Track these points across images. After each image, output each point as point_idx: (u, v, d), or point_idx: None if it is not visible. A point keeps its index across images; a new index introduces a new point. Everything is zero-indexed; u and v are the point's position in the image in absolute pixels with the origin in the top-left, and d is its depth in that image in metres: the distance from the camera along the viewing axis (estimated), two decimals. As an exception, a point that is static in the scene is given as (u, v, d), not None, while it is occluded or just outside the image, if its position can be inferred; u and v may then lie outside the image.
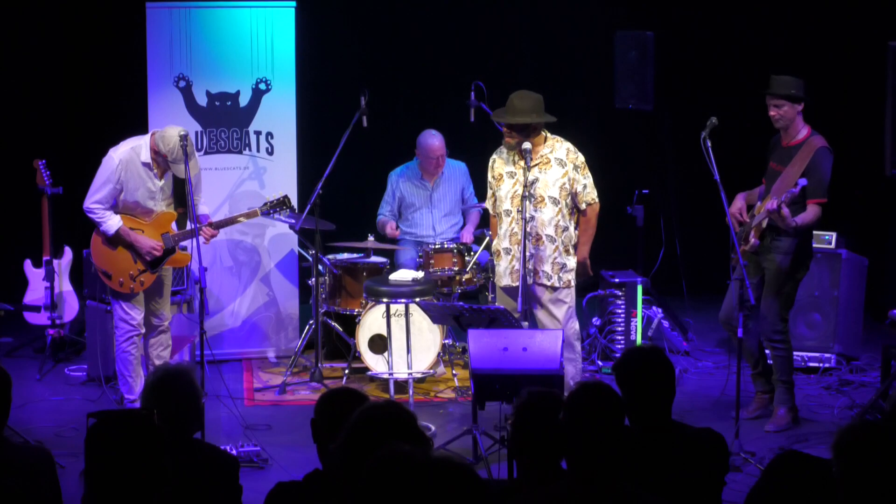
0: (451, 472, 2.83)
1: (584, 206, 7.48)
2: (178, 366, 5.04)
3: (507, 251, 7.45)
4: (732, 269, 7.38)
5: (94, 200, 7.38)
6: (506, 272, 7.47)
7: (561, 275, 7.42)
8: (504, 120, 7.38)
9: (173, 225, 7.54)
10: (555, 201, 7.38)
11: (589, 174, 7.47)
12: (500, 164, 7.52)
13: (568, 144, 7.47)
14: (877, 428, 3.40)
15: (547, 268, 7.39)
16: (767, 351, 7.62)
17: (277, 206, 7.92)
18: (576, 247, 7.50)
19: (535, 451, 4.02)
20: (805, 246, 7.43)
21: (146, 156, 7.38)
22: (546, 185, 7.37)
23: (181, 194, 7.50)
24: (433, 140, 9.04)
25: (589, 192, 7.47)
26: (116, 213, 7.43)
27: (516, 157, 7.42)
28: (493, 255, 7.62)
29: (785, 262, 7.35)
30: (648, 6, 10.41)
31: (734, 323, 7.13)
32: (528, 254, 7.31)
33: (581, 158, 7.45)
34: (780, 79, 7.35)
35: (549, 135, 7.47)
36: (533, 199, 7.34)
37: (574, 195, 7.44)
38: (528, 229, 7.31)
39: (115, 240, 7.44)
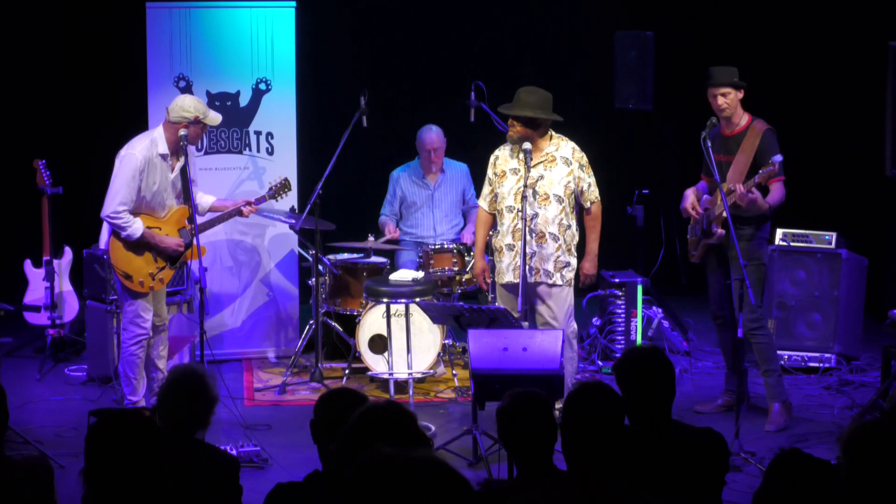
0: (435, 473, 2.81)
1: (588, 204, 7.51)
2: (198, 366, 5.05)
3: (511, 247, 7.45)
4: (689, 258, 7.75)
5: (119, 202, 7.14)
6: (508, 268, 7.46)
7: (563, 273, 7.43)
8: (509, 112, 7.39)
9: (186, 220, 7.50)
10: (559, 199, 7.40)
11: (592, 173, 7.50)
12: (503, 161, 7.53)
13: (573, 143, 7.51)
14: (886, 427, 3.39)
15: (549, 266, 7.40)
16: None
17: (282, 190, 8.00)
18: (578, 246, 7.52)
19: (526, 453, 4.00)
20: (766, 228, 7.56)
21: (163, 147, 7.25)
22: (551, 183, 7.39)
23: (186, 189, 7.43)
24: (429, 133, 9.05)
25: (593, 191, 7.52)
26: (132, 212, 7.34)
27: (520, 154, 7.43)
28: (494, 251, 7.60)
29: (751, 249, 7.39)
30: (648, 6, 10.41)
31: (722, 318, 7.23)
32: (530, 251, 7.34)
33: (585, 157, 7.49)
34: (720, 69, 7.52)
35: (554, 133, 7.49)
36: (537, 197, 7.36)
37: (579, 194, 7.47)
38: (531, 226, 7.34)
39: (138, 243, 7.31)
